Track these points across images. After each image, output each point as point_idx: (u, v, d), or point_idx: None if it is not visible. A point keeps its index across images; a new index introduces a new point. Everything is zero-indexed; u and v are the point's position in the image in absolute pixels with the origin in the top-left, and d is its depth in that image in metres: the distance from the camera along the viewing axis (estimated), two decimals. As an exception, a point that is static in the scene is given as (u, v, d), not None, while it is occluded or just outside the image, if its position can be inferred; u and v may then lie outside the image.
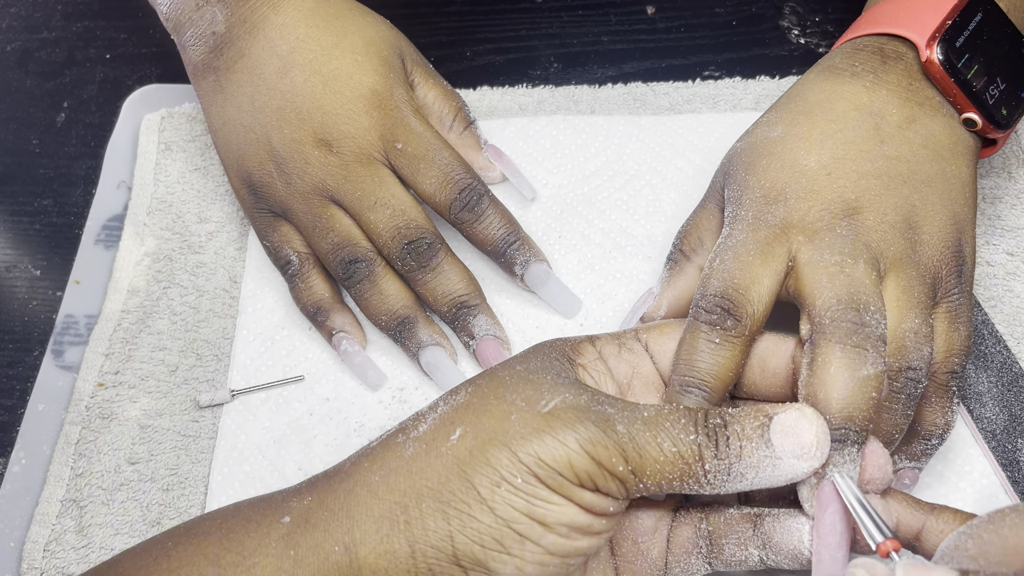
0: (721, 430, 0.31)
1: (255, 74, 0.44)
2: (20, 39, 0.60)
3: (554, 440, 0.30)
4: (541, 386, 0.32)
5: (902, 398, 0.36)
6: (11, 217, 0.53)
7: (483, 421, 0.32)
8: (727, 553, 0.35)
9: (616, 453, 0.30)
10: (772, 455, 0.31)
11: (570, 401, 0.31)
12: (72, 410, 0.45)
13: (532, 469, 0.30)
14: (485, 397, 0.33)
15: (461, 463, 0.31)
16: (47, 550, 0.41)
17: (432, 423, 0.33)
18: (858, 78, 0.41)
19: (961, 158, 0.40)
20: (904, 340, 0.35)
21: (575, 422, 0.31)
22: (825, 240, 0.36)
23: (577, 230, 0.48)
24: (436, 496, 0.30)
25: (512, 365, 0.34)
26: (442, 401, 0.34)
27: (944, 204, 0.38)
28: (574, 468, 0.30)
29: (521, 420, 0.31)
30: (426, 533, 0.30)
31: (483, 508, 0.30)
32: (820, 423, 0.32)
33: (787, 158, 0.39)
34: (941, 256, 0.37)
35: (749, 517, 0.35)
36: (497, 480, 0.30)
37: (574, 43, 0.57)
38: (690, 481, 0.31)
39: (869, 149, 0.38)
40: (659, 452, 0.31)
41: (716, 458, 0.31)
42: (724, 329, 0.35)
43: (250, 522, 0.32)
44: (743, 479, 0.31)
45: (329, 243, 0.44)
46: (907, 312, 0.36)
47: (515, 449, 0.30)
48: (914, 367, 0.35)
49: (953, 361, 0.37)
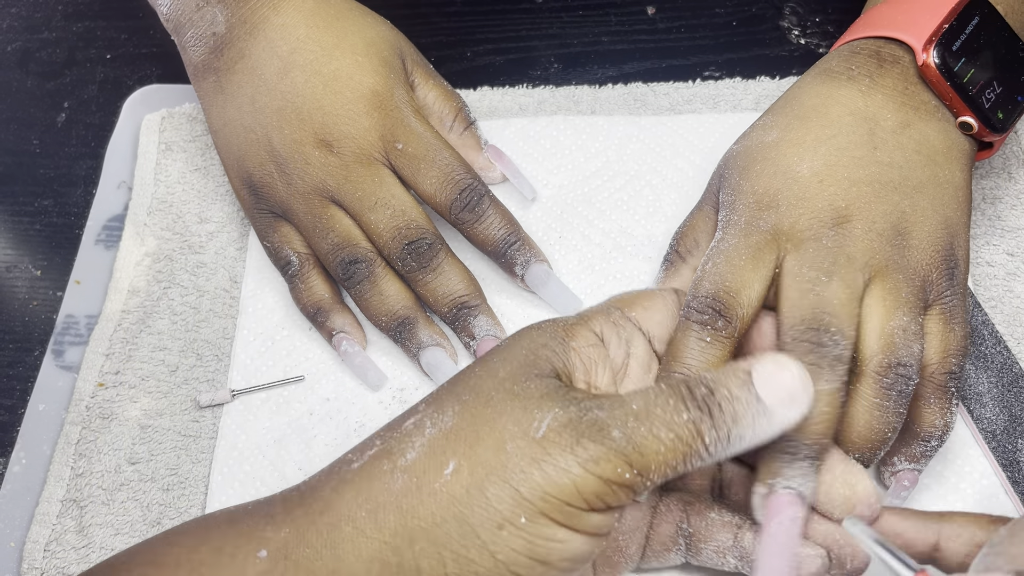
0: (710, 398, 0.30)
1: (255, 75, 0.44)
2: (20, 39, 0.60)
3: (555, 469, 0.29)
4: (529, 401, 0.31)
5: (893, 395, 0.36)
6: (11, 217, 0.53)
7: (477, 452, 0.30)
8: (704, 556, 0.35)
9: (620, 463, 0.29)
10: (763, 409, 0.31)
11: (561, 418, 0.30)
12: (72, 410, 0.45)
13: (537, 505, 0.28)
14: (475, 423, 0.31)
15: (458, 502, 0.29)
16: (47, 550, 0.41)
17: (421, 450, 0.30)
18: (854, 82, 0.41)
19: (955, 162, 0.40)
20: (892, 337, 0.36)
21: (573, 444, 0.29)
22: (808, 252, 0.37)
23: (577, 230, 0.48)
24: (430, 539, 0.29)
25: (495, 370, 0.32)
26: (428, 421, 0.32)
27: (935, 209, 0.38)
28: (582, 493, 0.29)
29: (517, 450, 0.29)
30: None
31: (483, 553, 0.28)
32: (796, 364, 0.31)
33: (781, 164, 0.39)
34: (931, 260, 0.38)
35: (730, 526, 0.35)
36: (500, 522, 0.28)
37: (574, 43, 0.57)
38: (692, 459, 0.30)
39: (862, 155, 0.39)
40: (658, 443, 0.29)
41: (714, 428, 0.30)
42: (715, 329, 0.36)
43: (222, 554, 0.29)
44: (742, 440, 0.30)
45: (329, 243, 0.44)
46: (894, 311, 0.36)
47: (516, 485, 0.29)
48: (904, 363, 0.36)
49: (950, 362, 0.37)
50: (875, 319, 0.36)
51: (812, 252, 0.37)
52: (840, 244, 0.37)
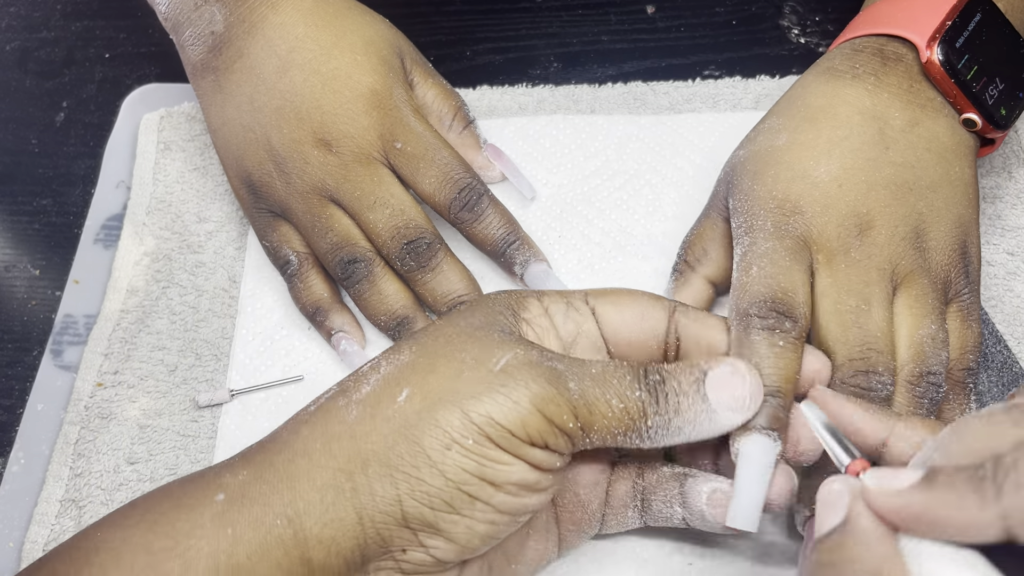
0: (660, 386, 0.32)
1: (254, 74, 0.44)
2: (19, 39, 0.60)
3: (507, 399, 0.30)
4: (489, 343, 0.32)
5: (925, 403, 0.36)
6: (10, 217, 0.53)
7: (431, 381, 0.31)
8: (655, 509, 0.35)
9: (568, 410, 0.30)
10: (708, 409, 0.32)
11: (522, 357, 0.31)
12: (71, 410, 0.45)
13: (484, 430, 0.30)
14: (432, 356, 0.32)
15: (409, 426, 0.30)
16: (46, 550, 0.41)
17: (376, 384, 0.32)
18: (859, 80, 0.41)
19: (963, 159, 0.40)
20: (923, 346, 0.36)
21: (529, 380, 0.30)
22: (841, 269, 0.37)
23: (577, 230, 0.48)
24: (383, 461, 0.30)
25: (455, 321, 0.34)
26: (384, 360, 0.33)
27: (949, 208, 0.39)
28: (526, 427, 0.30)
29: (473, 378, 0.31)
30: (373, 499, 0.30)
31: (433, 471, 0.30)
32: (753, 375, 0.32)
33: (797, 168, 0.39)
34: (949, 260, 0.38)
35: (677, 476, 0.35)
36: (447, 443, 0.30)
37: (574, 43, 0.57)
38: (632, 435, 0.32)
39: (875, 156, 0.39)
40: (608, 408, 0.31)
41: (657, 414, 0.31)
42: (784, 332, 0.35)
43: (180, 505, 0.31)
44: (681, 432, 0.32)
45: (328, 243, 0.44)
46: (922, 319, 0.37)
47: (467, 410, 0.30)
48: (934, 371, 0.36)
49: (968, 358, 0.38)
50: (905, 328, 0.37)
51: (844, 269, 0.37)
52: (869, 255, 0.37)
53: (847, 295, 0.37)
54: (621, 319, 0.36)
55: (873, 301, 0.37)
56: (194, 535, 0.30)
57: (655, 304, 0.36)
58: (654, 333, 0.36)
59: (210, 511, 0.30)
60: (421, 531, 0.30)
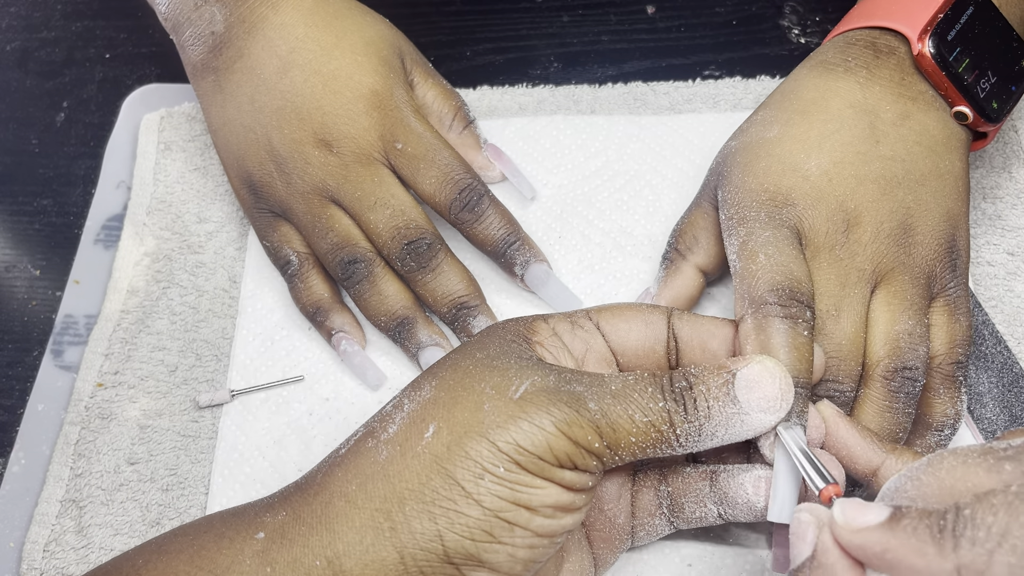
0: (688, 392, 0.32)
1: (254, 74, 0.44)
2: (20, 39, 0.60)
3: (531, 425, 0.30)
4: (507, 371, 0.32)
5: (901, 397, 0.37)
6: (11, 217, 0.53)
7: (455, 414, 0.31)
8: (687, 511, 0.35)
9: (591, 431, 0.31)
10: (739, 411, 0.31)
11: (539, 384, 0.31)
12: (71, 410, 0.45)
13: (512, 456, 0.30)
14: (453, 389, 0.32)
15: (440, 460, 0.30)
16: (47, 550, 0.41)
17: (401, 423, 0.32)
18: (851, 74, 0.41)
19: (954, 152, 0.40)
20: (898, 342, 0.37)
21: (548, 405, 0.31)
22: (822, 267, 0.37)
23: (577, 230, 0.48)
24: (418, 497, 0.30)
25: (471, 353, 0.34)
26: (406, 398, 0.33)
27: (937, 202, 0.39)
28: (553, 450, 0.30)
29: (494, 409, 0.31)
30: (413, 536, 0.30)
31: (469, 502, 0.30)
32: (782, 373, 0.32)
33: (788, 160, 0.39)
34: (935, 254, 0.38)
35: (705, 474, 0.35)
36: (479, 472, 0.30)
37: (574, 43, 0.57)
38: (663, 446, 0.32)
39: (865, 151, 0.39)
40: (631, 424, 0.31)
41: (686, 421, 0.31)
42: (804, 320, 0.35)
43: (222, 538, 0.31)
44: (714, 437, 0.32)
45: (328, 243, 0.44)
46: (899, 315, 0.37)
47: (493, 439, 0.30)
48: (910, 367, 0.37)
49: (957, 352, 0.38)
50: (881, 324, 0.37)
51: (825, 268, 0.37)
52: (852, 254, 0.37)
53: (820, 297, 0.37)
54: (627, 331, 0.36)
55: (844, 306, 0.37)
56: (234, 570, 0.30)
57: (655, 312, 0.36)
58: (659, 340, 0.36)
59: (251, 548, 0.30)
60: (464, 564, 0.30)
